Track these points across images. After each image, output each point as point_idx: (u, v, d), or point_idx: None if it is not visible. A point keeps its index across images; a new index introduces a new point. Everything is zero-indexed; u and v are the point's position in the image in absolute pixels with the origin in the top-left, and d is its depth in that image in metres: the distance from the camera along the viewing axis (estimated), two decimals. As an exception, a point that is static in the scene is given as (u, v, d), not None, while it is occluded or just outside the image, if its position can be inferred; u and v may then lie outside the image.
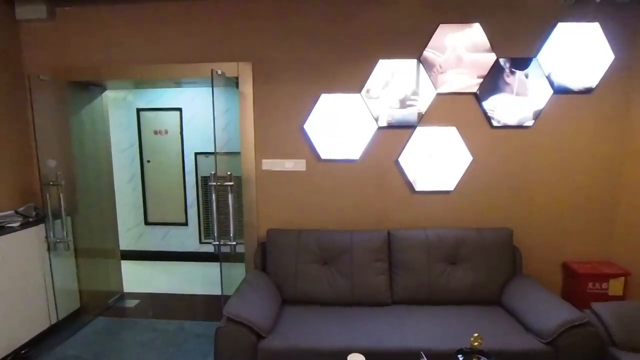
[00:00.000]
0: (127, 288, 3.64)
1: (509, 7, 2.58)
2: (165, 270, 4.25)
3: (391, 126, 2.70)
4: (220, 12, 2.72)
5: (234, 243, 2.63)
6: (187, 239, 4.50)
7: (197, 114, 4.25)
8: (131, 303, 3.42)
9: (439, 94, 2.67)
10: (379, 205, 2.80)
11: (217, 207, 2.64)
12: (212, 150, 4.26)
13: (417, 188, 2.74)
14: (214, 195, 2.61)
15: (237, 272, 2.96)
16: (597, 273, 2.58)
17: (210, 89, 2.52)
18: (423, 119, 2.69)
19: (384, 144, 2.74)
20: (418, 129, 2.69)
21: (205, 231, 4.47)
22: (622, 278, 2.58)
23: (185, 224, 4.46)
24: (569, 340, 1.98)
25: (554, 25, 2.57)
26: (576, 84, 2.62)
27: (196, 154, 4.32)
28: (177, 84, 3.40)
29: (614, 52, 2.58)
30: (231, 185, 2.60)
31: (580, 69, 2.61)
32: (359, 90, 2.69)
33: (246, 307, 2.14)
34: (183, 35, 2.77)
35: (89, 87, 3.17)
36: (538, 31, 2.60)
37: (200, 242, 4.48)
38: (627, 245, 2.68)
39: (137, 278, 4.02)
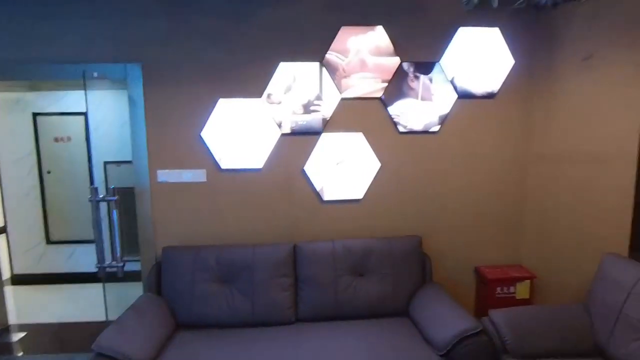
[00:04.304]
0: (14, 319, 3.19)
1: (411, 10, 2.53)
2: (69, 295, 3.79)
3: (295, 133, 2.56)
4: (105, 6, 2.43)
5: (121, 264, 2.36)
6: (98, 257, 4.08)
7: (106, 119, 3.86)
8: (16, 337, 2.98)
9: (343, 99, 2.56)
10: (287, 217, 2.64)
11: (101, 225, 2.36)
12: (124, 159, 3.90)
13: (325, 197, 2.61)
14: (96, 212, 2.33)
15: (137, 293, 2.66)
16: (504, 277, 2.59)
17: (121, 91, 2.24)
18: (328, 124, 2.57)
19: (289, 152, 2.58)
20: (323, 135, 2.57)
21: (120, 248, 4.07)
22: (528, 281, 2.60)
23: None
24: (463, 350, 1.92)
25: (455, 30, 2.56)
26: (479, 89, 2.63)
27: (105, 163, 3.94)
28: (73, 85, 3.05)
29: (514, 57, 2.61)
30: (114, 200, 2.33)
31: (482, 74, 2.61)
32: (260, 95, 2.52)
33: (123, 338, 1.90)
34: (61, 32, 2.45)
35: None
36: (440, 35, 2.57)
37: (113, 261, 4.08)
38: (534, 249, 2.72)
39: (31, 306, 3.55)
